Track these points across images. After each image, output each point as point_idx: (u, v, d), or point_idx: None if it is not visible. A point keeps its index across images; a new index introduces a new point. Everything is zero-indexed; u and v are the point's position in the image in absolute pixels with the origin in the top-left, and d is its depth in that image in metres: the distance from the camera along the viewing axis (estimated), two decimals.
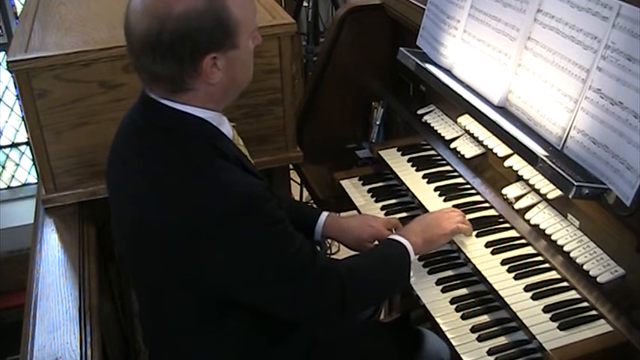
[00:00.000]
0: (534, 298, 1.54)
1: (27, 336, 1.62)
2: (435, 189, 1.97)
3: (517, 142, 1.64)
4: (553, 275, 1.60)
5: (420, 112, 2.22)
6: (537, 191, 1.70)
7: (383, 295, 1.85)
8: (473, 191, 1.93)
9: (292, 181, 2.75)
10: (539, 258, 1.65)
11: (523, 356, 1.49)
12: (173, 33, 1.30)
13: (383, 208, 2.04)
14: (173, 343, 1.57)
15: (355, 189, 2.16)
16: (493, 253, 1.69)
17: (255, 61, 1.48)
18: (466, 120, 1.98)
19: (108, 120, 2.06)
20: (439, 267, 1.75)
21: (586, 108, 1.52)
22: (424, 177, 2.03)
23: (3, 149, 5.68)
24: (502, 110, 1.78)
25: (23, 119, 5.14)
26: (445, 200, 1.92)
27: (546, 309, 1.50)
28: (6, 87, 5.46)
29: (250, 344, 1.54)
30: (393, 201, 2.08)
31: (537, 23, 1.69)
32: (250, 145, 1.65)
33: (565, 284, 1.57)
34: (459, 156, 2.01)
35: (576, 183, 1.44)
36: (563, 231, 1.63)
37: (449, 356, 1.78)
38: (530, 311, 1.51)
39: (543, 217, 1.68)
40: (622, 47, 1.44)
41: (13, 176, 5.77)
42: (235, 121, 1.59)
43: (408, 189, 2.01)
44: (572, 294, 1.54)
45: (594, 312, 1.49)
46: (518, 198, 1.76)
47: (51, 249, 1.95)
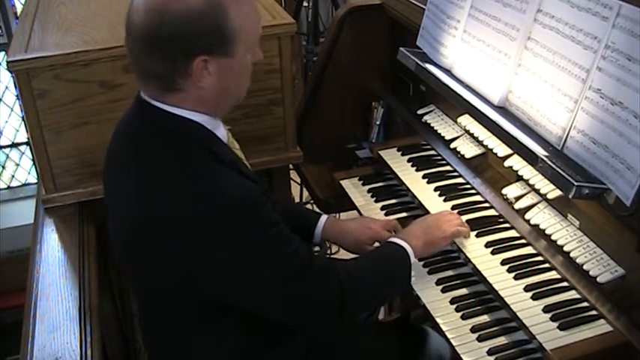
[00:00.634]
0: (534, 298, 1.54)
1: (27, 336, 1.62)
2: (435, 189, 1.97)
3: (517, 142, 1.64)
4: (553, 275, 1.60)
5: (420, 112, 2.21)
6: (537, 191, 1.70)
7: (382, 298, 1.84)
8: (473, 191, 1.93)
9: (292, 181, 2.75)
10: (539, 258, 1.65)
11: (523, 356, 1.49)
12: (170, 29, 1.31)
13: (383, 208, 2.04)
14: (172, 345, 1.56)
15: (355, 189, 2.16)
16: (493, 253, 1.69)
17: (255, 62, 1.48)
18: (466, 120, 1.98)
19: (108, 120, 2.06)
20: (439, 267, 1.75)
21: (586, 108, 1.52)
22: (424, 177, 2.03)
23: (3, 149, 5.68)
24: (502, 110, 1.78)
25: (23, 119, 5.14)
26: (445, 200, 1.92)
27: (546, 309, 1.50)
28: (6, 87, 5.46)
29: (250, 344, 1.54)
30: (393, 201, 2.08)
31: (537, 23, 1.69)
32: (250, 145, 1.65)
33: (565, 284, 1.57)
34: (459, 156, 2.01)
35: (576, 183, 1.44)
36: (563, 231, 1.63)
37: (450, 355, 1.77)
38: (530, 311, 1.51)
39: (543, 217, 1.68)
40: (622, 47, 1.44)
41: (13, 176, 5.77)
42: (235, 121, 1.59)
43: (408, 189, 2.01)
44: (572, 294, 1.54)
45: (594, 312, 1.49)
46: (518, 198, 1.76)
47: (51, 249, 1.95)
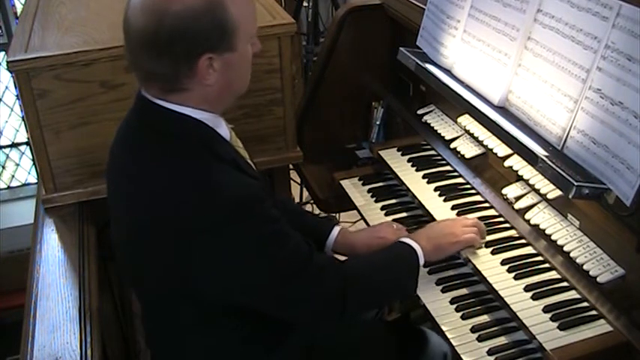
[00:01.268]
0: (534, 298, 1.54)
1: (27, 336, 1.62)
2: (435, 189, 1.97)
3: (517, 142, 1.64)
4: (553, 275, 1.60)
5: (420, 112, 2.21)
6: (537, 191, 1.70)
7: (387, 296, 1.80)
8: (473, 191, 1.93)
9: (292, 181, 2.75)
10: (539, 258, 1.65)
11: (523, 356, 1.49)
12: (170, 31, 1.30)
13: (383, 208, 2.04)
14: (174, 344, 1.56)
15: (355, 189, 2.16)
16: (493, 253, 1.69)
17: (255, 61, 1.48)
18: (466, 120, 1.98)
19: (108, 120, 2.06)
20: (439, 267, 1.75)
21: (586, 108, 1.52)
22: (424, 177, 2.03)
23: (3, 149, 5.67)
24: (502, 110, 1.78)
25: (23, 119, 5.14)
26: (445, 200, 1.92)
27: (546, 309, 1.50)
28: (6, 87, 5.46)
29: (251, 344, 1.54)
30: (393, 201, 2.08)
31: (537, 23, 1.69)
32: (250, 145, 1.65)
33: (565, 284, 1.57)
34: (459, 156, 2.01)
35: (576, 183, 1.44)
36: (563, 231, 1.63)
37: (449, 355, 1.77)
38: (530, 311, 1.51)
39: (543, 217, 1.68)
40: (622, 47, 1.44)
41: (13, 176, 5.76)
42: (235, 121, 1.59)
43: (408, 189, 2.01)
44: (572, 294, 1.54)
45: (594, 312, 1.49)
46: (518, 198, 1.76)
47: (51, 249, 1.95)
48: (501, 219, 1.80)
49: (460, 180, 1.99)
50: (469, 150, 1.98)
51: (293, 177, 2.68)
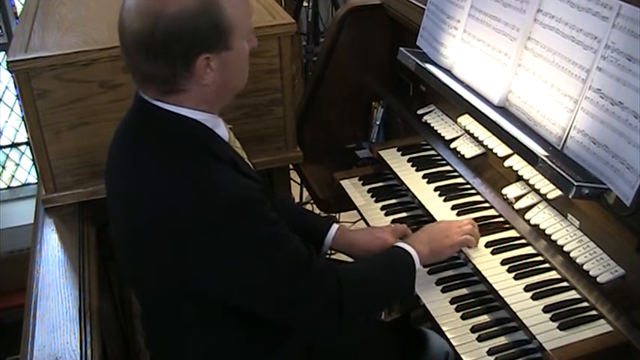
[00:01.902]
0: (534, 298, 1.54)
1: (27, 336, 1.62)
2: (435, 189, 1.97)
3: (517, 142, 1.64)
4: (553, 275, 1.60)
5: (420, 112, 2.21)
6: (537, 191, 1.70)
7: (384, 301, 1.80)
8: (473, 191, 1.93)
9: (292, 181, 2.75)
10: (539, 258, 1.65)
11: (523, 356, 1.49)
12: (166, 32, 1.29)
13: (383, 208, 2.04)
14: (173, 344, 1.56)
15: (355, 189, 2.16)
16: (493, 253, 1.69)
17: (255, 61, 1.48)
18: (466, 120, 1.98)
19: (108, 120, 2.06)
20: (439, 267, 1.75)
21: (586, 108, 1.52)
22: (424, 177, 2.03)
23: (3, 149, 5.68)
24: (502, 110, 1.78)
25: (23, 119, 5.14)
26: (445, 200, 1.92)
27: (546, 309, 1.50)
28: (6, 87, 5.46)
29: (250, 344, 1.54)
30: (393, 201, 2.08)
31: (537, 23, 1.69)
32: (250, 145, 1.65)
33: (565, 284, 1.57)
34: (459, 156, 2.01)
35: (576, 183, 1.44)
36: (563, 231, 1.63)
37: (449, 355, 1.77)
38: (530, 311, 1.51)
39: (543, 217, 1.68)
40: (622, 47, 1.44)
41: (13, 176, 5.76)
42: (235, 121, 1.59)
43: (408, 189, 2.01)
44: (572, 294, 1.54)
45: (594, 312, 1.49)
46: (518, 198, 1.76)
47: (51, 249, 1.95)
48: (501, 219, 1.80)
49: (460, 180, 1.99)
50: (469, 150, 1.98)
51: (293, 177, 2.68)
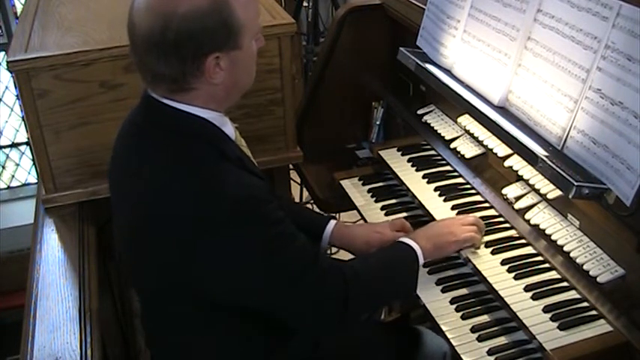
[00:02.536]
0: (534, 298, 1.54)
1: (27, 336, 1.62)
2: (435, 189, 1.97)
3: (517, 142, 1.64)
4: (553, 275, 1.60)
5: (420, 112, 2.21)
6: (537, 191, 1.70)
7: (387, 298, 1.81)
8: (473, 191, 1.93)
9: (292, 181, 2.75)
10: (539, 258, 1.65)
11: (523, 356, 1.49)
12: (177, 32, 1.30)
13: (383, 208, 2.04)
14: (174, 344, 1.56)
15: (355, 189, 2.16)
16: (493, 253, 1.69)
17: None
18: (466, 120, 1.98)
19: (108, 120, 2.06)
20: (439, 267, 1.75)
21: (586, 108, 1.52)
22: (424, 177, 2.03)
23: (3, 149, 5.68)
24: (502, 110, 1.78)
25: (23, 119, 5.14)
26: (445, 200, 1.92)
27: (546, 309, 1.51)
28: (6, 87, 5.46)
29: (251, 345, 1.54)
30: (393, 201, 2.08)
31: (537, 23, 1.69)
32: (250, 145, 1.65)
33: (565, 284, 1.57)
34: (459, 156, 2.01)
35: (576, 183, 1.44)
36: (563, 231, 1.63)
37: (449, 355, 1.77)
38: (530, 311, 1.51)
39: (543, 217, 1.68)
40: (622, 47, 1.44)
41: (13, 176, 5.77)
42: (236, 121, 1.59)
43: (408, 189, 2.01)
44: (572, 294, 1.54)
45: (594, 312, 1.49)
46: (518, 198, 1.76)
47: (51, 249, 1.95)
48: (501, 219, 1.80)
49: (460, 180, 1.99)
50: (469, 150, 1.98)
51: (293, 177, 2.68)
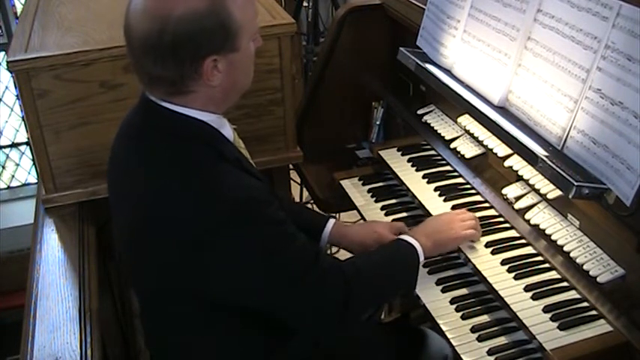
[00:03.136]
0: (534, 298, 1.54)
1: (27, 336, 1.62)
2: (435, 189, 1.97)
3: (517, 142, 1.64)
4: (553, 275, 1.60)
5: (420, 112, 2.21)
6: (537, 191, 1.70)
7: (388, 296, 1.82)
8: (473, 191, 1.93)
9: (292, 181, 2.75)
10: (539, 258, 1.65)
11: (523, 356, 1.49)
12: (174, 34, 1.29)
13: (383, 208, 2.04)
14: (173, 344, 1.56)
15: (355, 189, 2.16)
16: (493, 253, 1.69)
17: (255, 61, 1.48)
18: (466, 120, 1.98)
19: (108, 120, 2.06)
20: (439, 267, 1.75)
21: (586, 108, 1.52)
22: (424, 177, 2.03)
23: (3, 149, 5.68)
24: (502, 110, 1.78)
25: (23, 119, 5.15)
26: (445, 200, 1.92)
27: (546, 309, 1.51)
28: (6, 87, 5.46)
29: (251, 345, 1.54)
30: (393, 201, 2.08)
31: (537, 23, 1.69)
32: (250, 145, 1.65)
33: (565, 284, 1.57)
34: (459, 156, 2.01)
35: (576, 183, 1.44)
36: (563, 231, 1.63)
37: (450, 355, 1.77)
38: (530, 311, 1.51)
39: (543, 217, 1.68)
40: (622, 47, 1.44)
41: (13, 176, 5.77)
42: (235, 121, 1.59)
43: (408, 189, 2.01)
44: (572, 294, 1.54)
45: (594, 312, 1.49)
46: (518, 198, 1.76)
47: (51, 249, 1.95)
48: (501, 219, 1.80)
49: (460, 180, 1.99)
50: (469, 150, 1.98)
51: (293, 177, 2.68)
